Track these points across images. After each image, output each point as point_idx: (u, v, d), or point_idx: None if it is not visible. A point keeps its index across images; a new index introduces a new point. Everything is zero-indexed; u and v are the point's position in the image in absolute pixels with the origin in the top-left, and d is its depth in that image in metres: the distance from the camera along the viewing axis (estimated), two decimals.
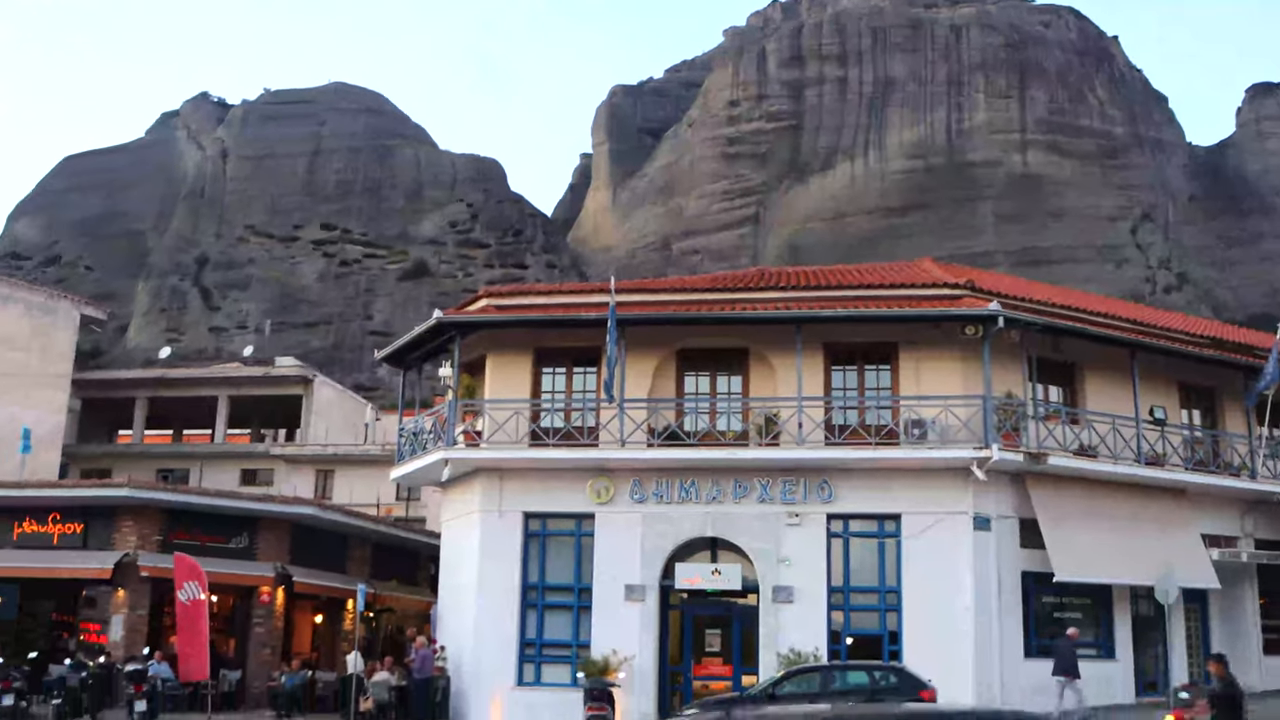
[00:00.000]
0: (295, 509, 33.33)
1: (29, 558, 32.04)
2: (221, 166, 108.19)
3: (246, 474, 50.39)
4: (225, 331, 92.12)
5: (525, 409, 27.73)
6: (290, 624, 33.59)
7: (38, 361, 46.59)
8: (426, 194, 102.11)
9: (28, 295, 49.44)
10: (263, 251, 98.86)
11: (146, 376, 56.58)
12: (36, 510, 32.45)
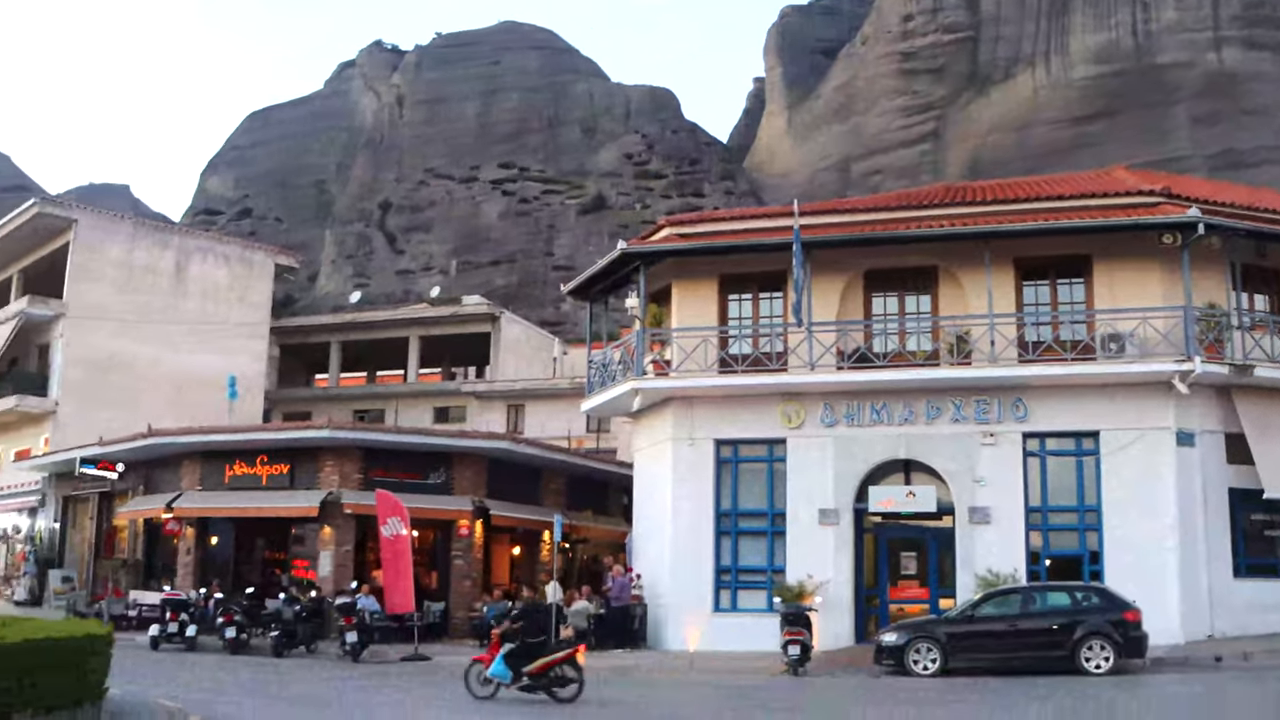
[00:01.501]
0: (490, 444, 33.89)
1: (241, 498, 33.46)
2: (398, 112, 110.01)
3: (439, 412, 51.51)
4: (411, 274, 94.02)
5: (713, 336, 27.76)
6: (489, 556, 34.31)
7: (238, 312, 48.34)
8: (602, 127, 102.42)
9: (225, 248, 51.23)
10: (443, 193, 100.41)
11: (340, 321, 58.14)
12: (246, 453, 33.77)
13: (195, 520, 34.50)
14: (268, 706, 18.24)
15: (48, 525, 44.66)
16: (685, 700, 19.80)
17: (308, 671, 24.50)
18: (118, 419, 39.93)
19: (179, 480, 35.42)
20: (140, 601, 33.77)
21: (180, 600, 30.12)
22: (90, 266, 45.90)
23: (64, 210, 47.66)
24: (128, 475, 38.16)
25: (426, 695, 20.58)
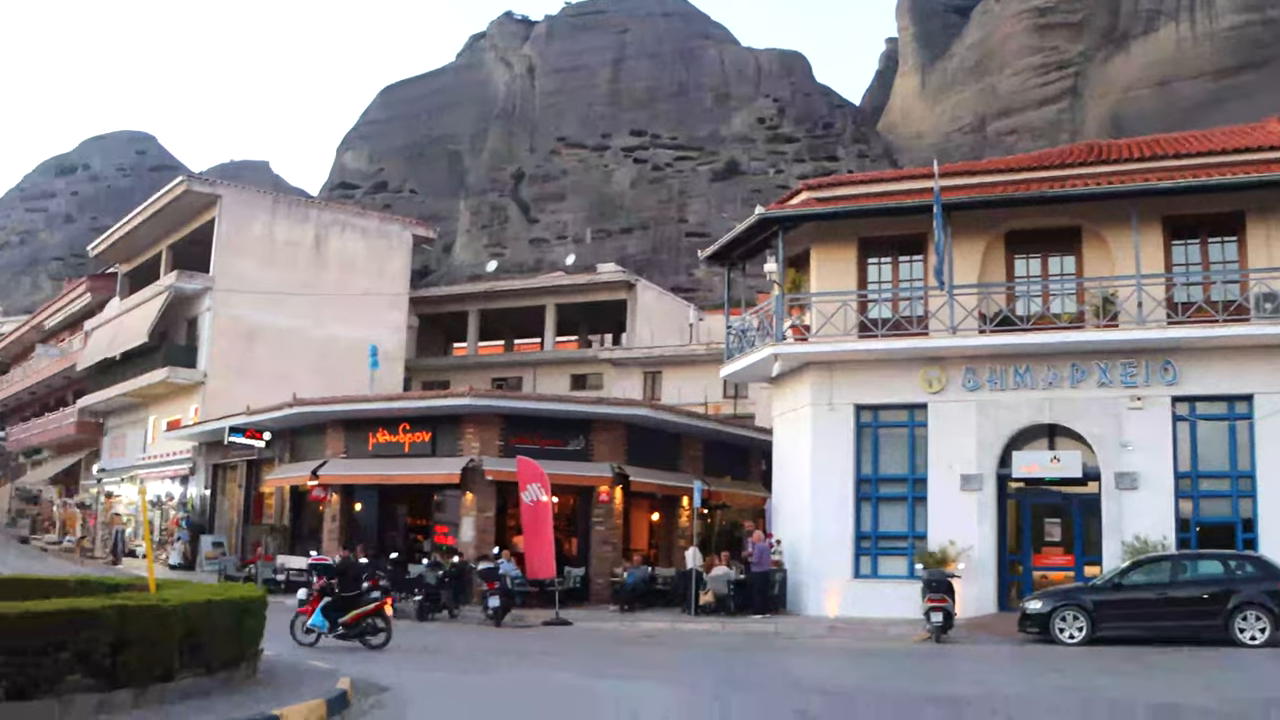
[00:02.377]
0: (629, 410, 33.99)
1: (384, 465, 34.09)
2: (530, 83, 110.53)
3: (576, 379, 51.86)
4: (545, 243, 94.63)
5: (852, 300, 27.50)
6: (628, 521, 34.46)
7: (377, 283, 49.11)
8: (733, 92, 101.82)
9: (364, 222, 52.06)
10: (576, 162, 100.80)
11: (477, 290, 58.73)
12: (388, 421, 34.38)
13: (340, 487, 35.24)
14: (415, 669, 18.54)
15: (199, 492, 46.02)
16: (830, 667, 19.68)
17: (450, 635, 24.91)
18: (263, 389, 40.89)
19: (324, 448, 36.20)
20: (288, 566, 34.59)
21: (326, 565, 30.72)
22: (235, 241, 46.98)
23: (209, 187, 48.77)
24: (274, 443, 39.13)
25: (567, 658, 20.75)
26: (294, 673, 16.71)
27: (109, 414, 56.79)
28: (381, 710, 14.71)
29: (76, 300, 64.30)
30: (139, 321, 48.70)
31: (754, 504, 35.92)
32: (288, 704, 13.92)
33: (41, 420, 68.09)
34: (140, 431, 52.39)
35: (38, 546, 57.94)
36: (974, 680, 17.35)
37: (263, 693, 14.92)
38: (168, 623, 14.42)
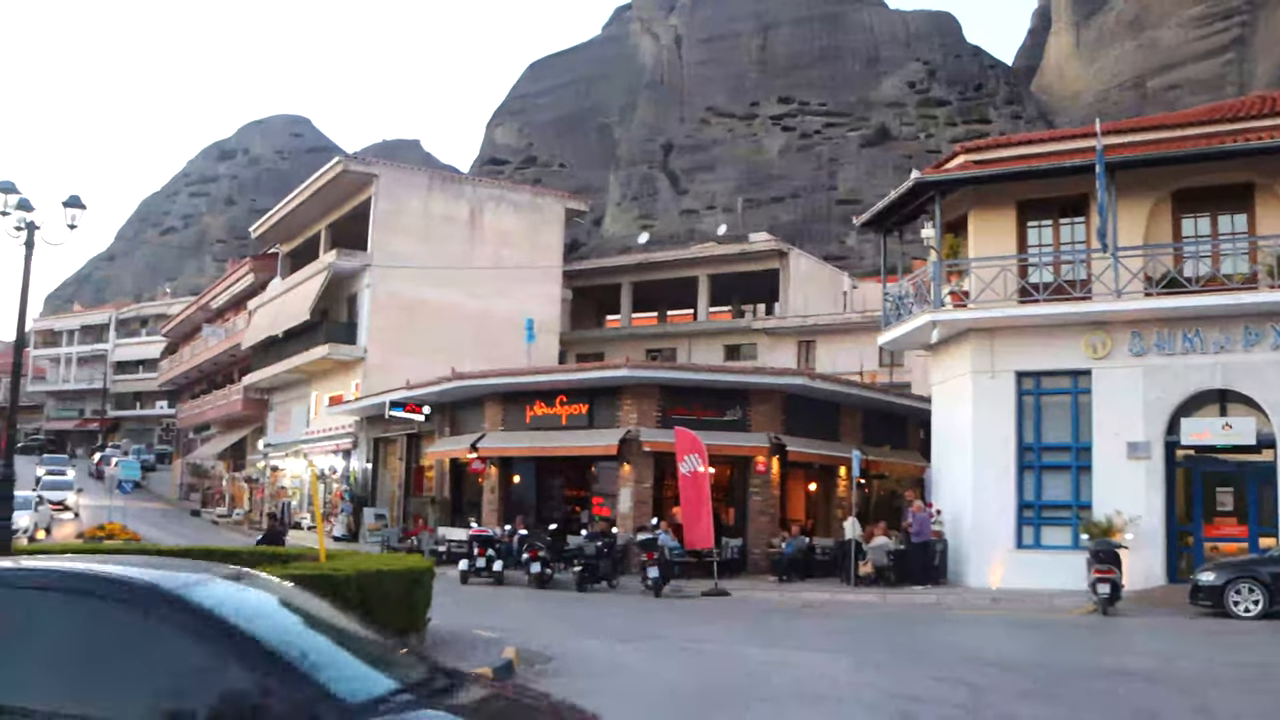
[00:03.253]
0: (785, 380, 33.78)
1: (542, 438, 34.42)
2: (677, 53, 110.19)
3: (729, 349, 51.74)
4: (695, 213, 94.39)
5: (1012, 265, 26.89)
6: (785, 492, 34.30)
7: (530, 256, 49.54)
8: (882, 56, 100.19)
9: (516, 196, 52.53)
10: (725, 131, 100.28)
11: (630, 262, 58.88)
12: (545, 394, 34.69)
13: (498, 459, 35.68)
14: (578, 639, 18.67)
15: (361, 466, 47.01)
16: (997, 639, 19.34)
17: (610, 606, 25.03)
18: (422, 363, 41.58)
19: (482, 421, 36.67)
20: (448, 538, 35.11)
21: (486, 536, 31.18)
22: (391, 219, 47.78)
23: (365, 167, 49.65)
24: (434, 417, 39.77)
25: (729, 628, 20.72)
26: (460, 642, 16.93)
27: (273, 390, 58.33)
28: (548, 679, 14.84)
29: (240, 281, 66.11)
30: (300, 300, 49.87)
31: (912, 473, 35.50)
32: None
33: (210, 397, 70.29)
34: (303, 407, 53.72)
35: (209, 519, 59.80)
36: (1148, 653, 16.90)
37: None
38: (341, 592, 14.72)
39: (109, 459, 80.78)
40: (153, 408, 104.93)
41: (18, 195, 19.76)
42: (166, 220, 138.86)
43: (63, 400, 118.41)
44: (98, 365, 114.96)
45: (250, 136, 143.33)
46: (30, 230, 19.83)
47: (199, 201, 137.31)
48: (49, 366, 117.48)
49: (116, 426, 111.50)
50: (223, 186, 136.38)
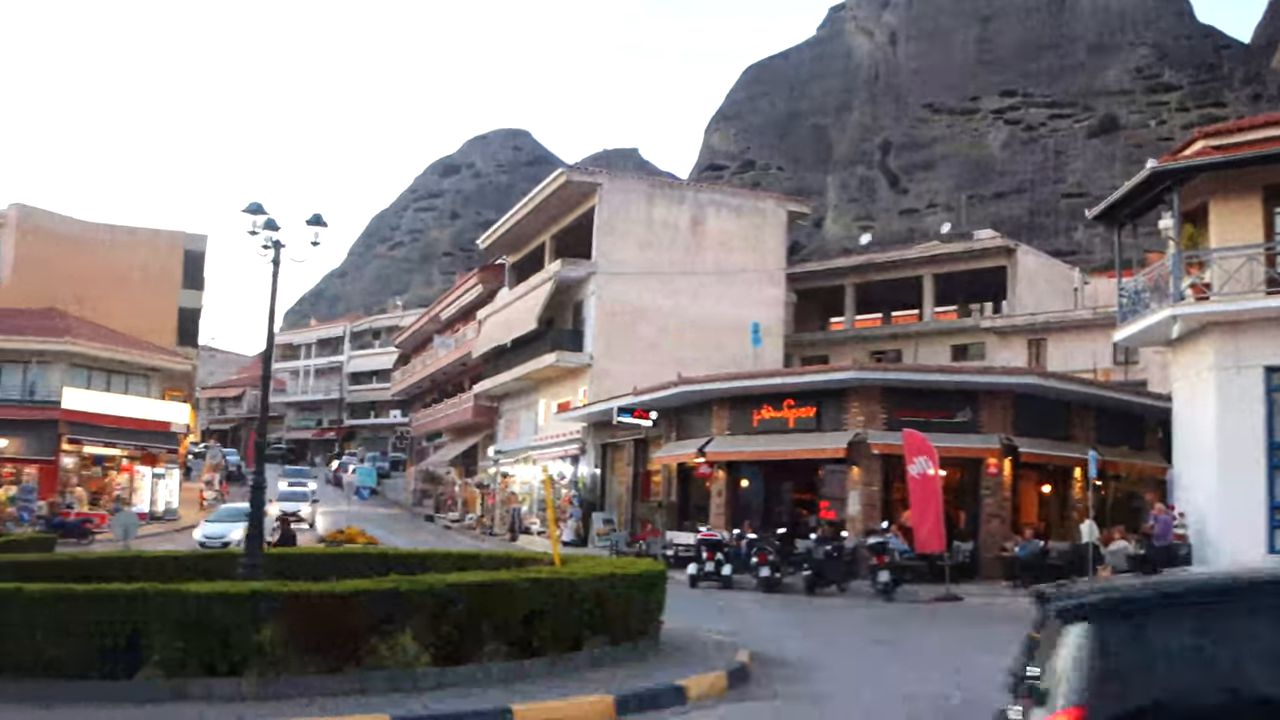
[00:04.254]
0: (1016, 379, 32.98)
1: (769, 441, 34.36)
2: (892, 50, 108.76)
3: (956, 349, 50.78)
4: (916, 212, 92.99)
5: (1259, 254, 25.66)
6: (1017, 494, 33.48)
7: (753, 259, 49.51)
8: (1107, 43, 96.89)
9: (736, 200, 52.57)
10: (944, 128, 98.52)
11: (852, 264, 58.33)
12: (772, 397, 34.62)
13: (725, 463, 35.75)
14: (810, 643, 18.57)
15: (589, 471, 47.66)
16: None
17: (841, 610, 24.81)
18: (647, 369, 41.99)
19: (709, 425, 36.79)
20: (676, 541, 35.32)
21: (715, 540, 31.25)
22: (614, 226, 48.37)
23: (587, 176, 50.43)
24: (660, 422, 40.07)
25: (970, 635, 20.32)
26: (694, 644, 17.04)
27: (503, 398, 59.61)
28: (780, 683, 14.81)
29: (468, 292, 67.81)
30: (527, 309, 50.89)
31: (1152, 474, 34.22)
32: (690, 675, 14.24)
33: (441, 406, 72.30)
34: (532, 414, 54.75)
35: (442, 524, 61.40)
36: None
37: (666, 663, 15.30)
38: (576, 595, 15.02)
39: (346, 466, 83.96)
40: (386, 416, 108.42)
41: (265, 216, 20.62)
42: (395, 235, 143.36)
43: (302, 411, 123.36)
44: (334, 377, 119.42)
45: (473, 151, 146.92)
46: (276, 249, 20.67)
47: (425, 216, 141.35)
48: (289, 379, 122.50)
49: (352, 435, 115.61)
50: (448, 201, 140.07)
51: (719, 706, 13.34)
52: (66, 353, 54.21)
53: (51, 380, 53.87)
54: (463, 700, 12.66)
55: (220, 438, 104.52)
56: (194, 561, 22.28)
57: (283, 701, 12.48)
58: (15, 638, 12.90)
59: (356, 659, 13.15)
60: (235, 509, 45.14)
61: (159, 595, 13.15)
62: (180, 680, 12.72)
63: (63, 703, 12.43)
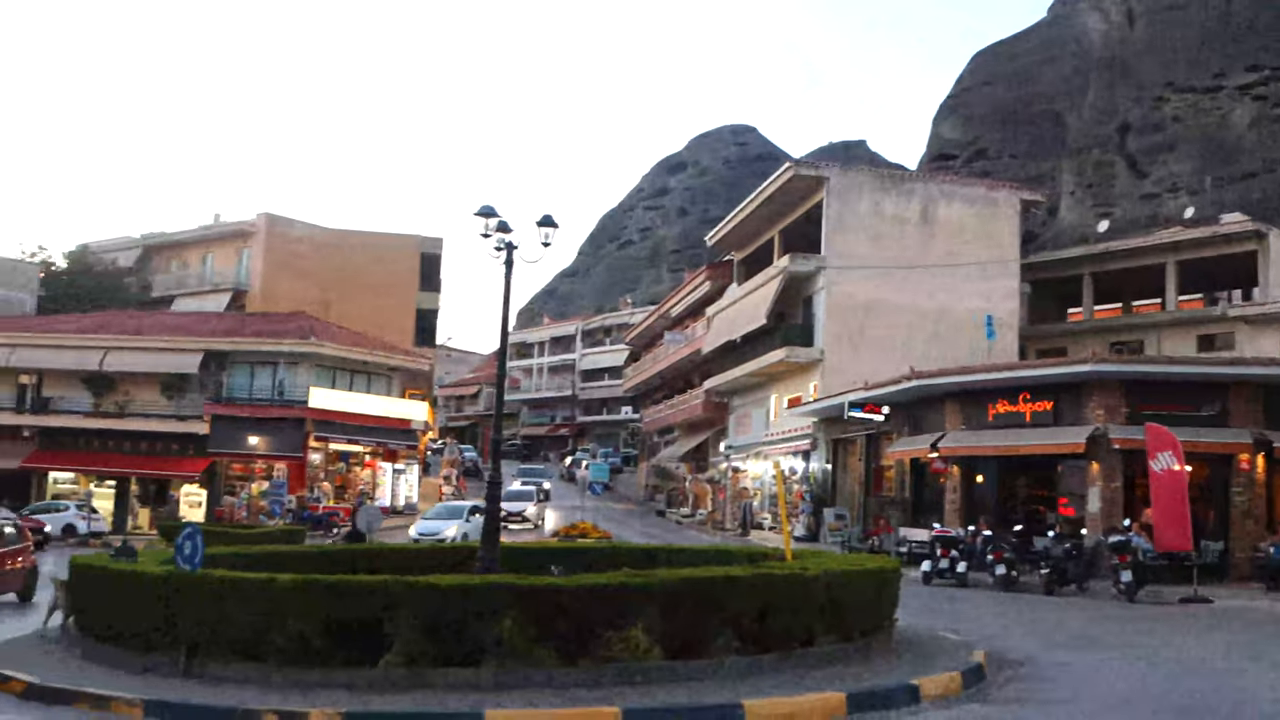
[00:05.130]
0: (1269, 371, 31.40)
1: (1004, 436, 33.69)
2: (1128, 28, 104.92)
3: (1203, 340, 48.62)
4: (1156, 197, 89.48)
5: None
6: (1271, 492, 31.88)
7: (985, 251, 48.50)
8: None
9: (967, 190, 51.62)
10: (1185, 107, 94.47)
11: (1089, 253, 56.43)
12: (1007, 391, 33.95)
13: (959, 459, 35.19)
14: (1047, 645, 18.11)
15: (820, 466, 47.51)
16: None
17: (1081, 611, 24.13)
18: (878, 363, 41.63)
19: (942, 420, 36.29)
20: (910, 538, 34.92)
21: (949, 537, 30.87)
22: (843, 220, 48.05)
23: (815, 171, 50.15)
24: (892, 417, 39.70)
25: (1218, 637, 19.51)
26: (927, 643, 16.87)
27: (733, 394, 59.82)
28: (1018, 685, 14.50)
29: (697, 289, 68.28)
30: (756, 305, 50.98)
31: None
32: (924, 674, 14.12)
33: (672, 402, 72.98)
34: (763, 409, 54.81)
35: (673, 519, 62.00)
36: None
37: (899, 662, 15.21)
38: (809, 591, 15.05)
39: (579, 462, 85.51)
40: (618, 413, 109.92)
41: (497, 219, 21.20)
42: (624, 234, 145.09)
43: (535, 408, 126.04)
44: (566, 374, 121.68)
45: (698, 149, 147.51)
46: (509, 250, 21.22)
47: (653, 215, 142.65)
48: (523, 377, 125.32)
49: (584, 432, 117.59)
50: (675, 199, 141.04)
51: (953, 707, 13.14)
52: (312, 354, 56.70)
53: (299, 381, 56.44)
54: (694, 694, 12.81)
55: (458, 434, 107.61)
56: (434, 554, 23.09)
57: (518, 692, 12.86)
58: (270, 626, 13.63)
59: (589, 652, 13.45)
60: (451, 506, 46.55)
61: (401, 587, 13.70)
62: (420, 669, 13.24)
63: (317, 688, 13.07)
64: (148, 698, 12.83)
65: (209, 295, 75.83)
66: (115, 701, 12.95)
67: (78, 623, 16.98)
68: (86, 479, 58.24)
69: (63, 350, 58.43)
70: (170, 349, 57.78)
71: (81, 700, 13.22)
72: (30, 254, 79.79)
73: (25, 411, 59.12)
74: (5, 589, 24.83)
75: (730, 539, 46.14)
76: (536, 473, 74.63)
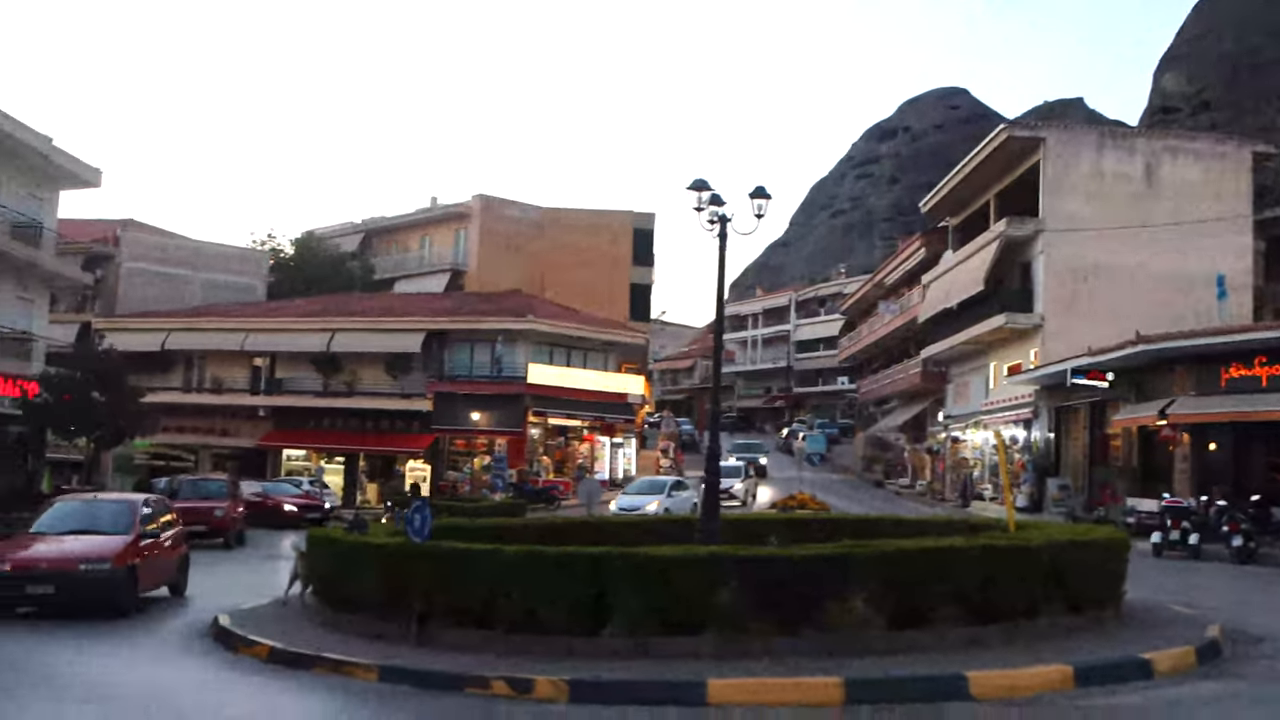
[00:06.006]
0: None
1: (1238, 402, 32.37)
2: None
3: None
4: None
5: None
6: None
7: (1214, 208, 46.47)
8: None
9: (1193, 145, 49.47)
10: None
11: None
12: (1241, 354, 32.68)
13: (1190, 426, 33.97)
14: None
15: (1042, 435, 46.41)
16: None
17: None
18: (1100, 328, 40.33)
19: (1170, 386, 35.12)
20: (1138, 508, 33.92)
21: (1181, 508, 29.89)
22: (1061, 181, 46.66)
23: (1030, 131, 48.89)
24: (1117, 383, 38.48)
25: None
26: (1158, 617, 16.36)
27: (950, 362, 58.82)
28: (1257, 662, 13.89)
29: (911, 257, 67.35)
30: (972, 271, 49.99)
31: None
32: (1155, 648, 13.65)
33: (888, 372, 72.22)
34: (981, 378, 53.76)
35: (891, 490, 61.47)
36: None
37: (1128, 635, 14.76)
38: (1033, 561, 14.76)
39: (795, 434, 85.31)
40: (833, 384, 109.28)
41: (710, 191, 21.25)
42: (835, 203, 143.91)
43: (750, 380, 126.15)
44: (780, 346, 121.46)
45: (908, 114, 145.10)
46: (722, 223, 21.25)
47: (864, 183, 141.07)
48: (737, 349, 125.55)
49: (800, 403, 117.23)
50: (885, 166, 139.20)
51: (1186, 684, 12.63)
52: (529, 331, 57.87)
53: (517, 357, 57.74)
54: (916, 665, 12.65)
55: (673, 408, 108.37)
56: (653, 526, 23.34)
57: (739, 661, 12.90)
58: (496, 595, 14.01)
59: (809, 622, 13.43)
60: (653, 481, 46.85)
61: (622, 557, 13.90)
62: (641, 638, 13.42)
63: (542, 656, 13.37)
64: (383, 663, 13.34)
65: (428, 276, 78.13)
66: (352, 666, 13.50)
67: (315, 592, 17.70)
68: (317, 456, 60.73)
69: (293, 333, 60.94)
70: (393, 329, 59.71)
71: (321, 665, 13.81)
72: (260, 242, 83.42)
73: (260, 393, 61.94)
74: (154, 582, 20.40)
75: (950, 510, 45.47)
76: (752, 447, 74.20)
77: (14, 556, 18.50)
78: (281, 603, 18.63)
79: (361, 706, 12.33)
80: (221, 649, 15.56)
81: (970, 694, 11.94)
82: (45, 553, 18.63)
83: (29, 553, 18.66)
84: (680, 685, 12.12)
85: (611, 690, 12.28)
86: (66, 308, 61.23)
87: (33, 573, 18.00)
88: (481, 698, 12.35)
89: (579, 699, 12.11)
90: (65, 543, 18.88)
